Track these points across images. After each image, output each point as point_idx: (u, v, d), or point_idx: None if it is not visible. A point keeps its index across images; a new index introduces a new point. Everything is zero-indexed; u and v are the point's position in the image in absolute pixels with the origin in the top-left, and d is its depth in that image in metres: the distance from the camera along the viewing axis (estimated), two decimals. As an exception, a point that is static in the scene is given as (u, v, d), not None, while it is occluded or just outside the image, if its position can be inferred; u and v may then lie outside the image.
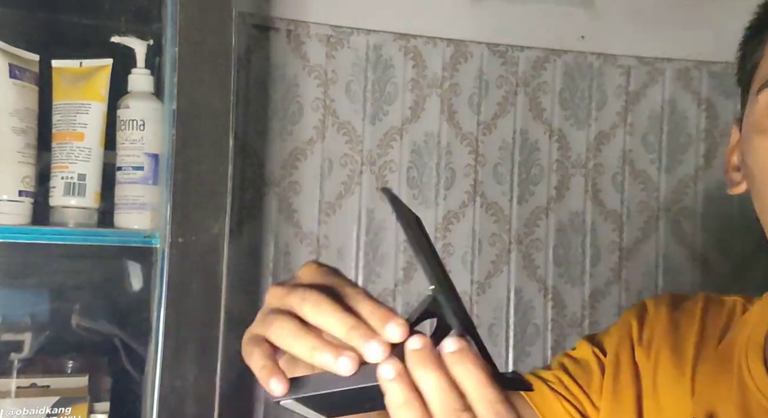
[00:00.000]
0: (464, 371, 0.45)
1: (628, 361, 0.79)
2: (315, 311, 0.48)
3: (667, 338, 0.77)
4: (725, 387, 0.71)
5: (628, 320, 0.81)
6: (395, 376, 0.46)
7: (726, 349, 0.74)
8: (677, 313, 0.79)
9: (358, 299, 0.49)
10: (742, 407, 0.68)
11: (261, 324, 0.51)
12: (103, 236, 1.07)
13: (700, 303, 0.79)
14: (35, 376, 1.07)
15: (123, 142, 1.09)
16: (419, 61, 1.49)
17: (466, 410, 0.45)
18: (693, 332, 0.76)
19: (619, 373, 0.78)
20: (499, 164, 1.54)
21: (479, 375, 0.45)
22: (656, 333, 0.78)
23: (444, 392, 0.45)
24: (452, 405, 0.45)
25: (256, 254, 1.39)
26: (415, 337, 0.46)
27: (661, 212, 1.63)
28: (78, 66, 1.09)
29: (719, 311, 0.77)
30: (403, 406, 0.46)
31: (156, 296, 1.05)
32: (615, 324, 0.84)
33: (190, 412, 1.03)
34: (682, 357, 0.75)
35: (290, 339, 0.49)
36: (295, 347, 0.48)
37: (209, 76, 1.06)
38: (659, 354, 0.77)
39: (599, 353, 0.81)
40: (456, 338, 0.46)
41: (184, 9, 1.05)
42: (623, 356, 0.79)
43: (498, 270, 1.54)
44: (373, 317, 0.47)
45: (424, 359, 0.46)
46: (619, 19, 1.59)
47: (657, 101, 1.63)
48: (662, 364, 0.76)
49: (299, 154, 1.42)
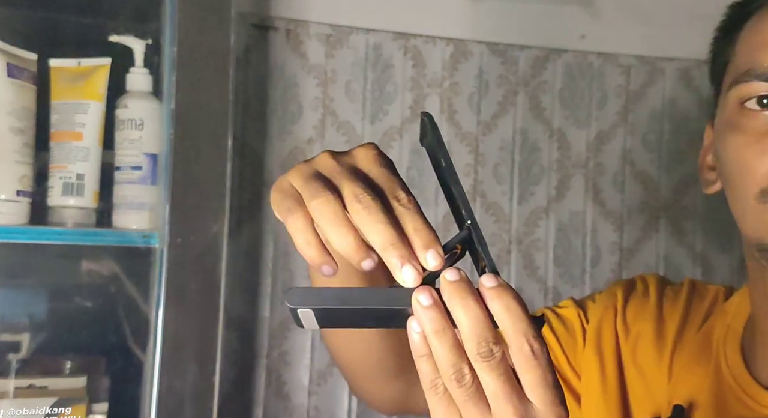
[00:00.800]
0: (504, 305, 0.47)
1: (610, 334, 0.79)
2: (363, 213, 0.48)
3: (650, 320, 0.77)
4: (702, 374, 0.71)
5: (615, 292, 0.81)
6: (432, 303, 0.47)
7: (705, 336, 0.74)
8: (663, 296, 0.80)
9: (407, 211, 0.49)
10: (717, 396, 0.69)
11: (304, 184, 0.50)
12: (102, 236, 1.07)
13: (686, 288, 0.79)
14: (33, 377, 1.07)
15: (121, 142, 1.09)
16: (419, 61, 1.49)
17: (499, 342, 0.46)
18: (676, 316, 0.77)
19: (602, 346, 0.78)
20: (499, 164, 1.54)
21: (518, 309, 0.47)
22: (640, 313, 0.79)
23: (481, 322, 0.46)
24: (486, 336, 0.46)
25: (256, 254, 1.39)
26: (452, 269, 0.48)
27: (662, 211, 1.63)
28: (76, 65, 1.09)
29: (703, 298, 0.78)
30: (437, 333, 0.47)
31: (155, 296, 1.05)
32: (601, 292, 0.84)
33: (189, 412, 1.03)
34: (662, 341, 0.76)
35: (329, 224, 0.48)
36: (330, 231, 0.48)
37: (208, 76, 1.06)
38: (640, 335, 0.77)
39: (583, 318, 0.81)
40: (492, 275, 0.48)
41: (182, 8, 1.05)
42: (606, 328, 0.79)
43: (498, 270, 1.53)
44: (416, 236, 0.48)
45: (463, 290, 0.47)
46: (619, 18, 1.59)
47: (657, 101, 1.63)
48: (642, 345, 0.76)
49: (298, 153, 1.42)
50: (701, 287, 0.80)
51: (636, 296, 0.81)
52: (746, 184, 0.63)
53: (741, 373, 0.69)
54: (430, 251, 0.47)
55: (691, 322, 0.76)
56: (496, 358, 0.46)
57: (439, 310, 0.47)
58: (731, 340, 0.71)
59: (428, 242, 0.48)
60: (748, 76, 0.63)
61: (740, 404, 0.67)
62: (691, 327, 0.76)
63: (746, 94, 0.63)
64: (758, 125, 0.62)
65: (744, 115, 0.64)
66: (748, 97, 0.63)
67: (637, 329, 0.78)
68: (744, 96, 0.63)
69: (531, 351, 0.46)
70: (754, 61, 0.63)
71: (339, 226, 0.48)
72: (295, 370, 1.39)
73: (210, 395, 1.04)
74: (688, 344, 0.74)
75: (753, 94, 0.63)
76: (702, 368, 0.72)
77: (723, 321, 0.74)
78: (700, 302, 0.78)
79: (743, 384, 0.68)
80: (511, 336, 0.46)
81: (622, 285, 0.83)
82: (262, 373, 1.38)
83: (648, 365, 0.75)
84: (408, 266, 0.47)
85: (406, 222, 0.49)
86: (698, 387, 0.71)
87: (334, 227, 0.48)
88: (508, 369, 0.46)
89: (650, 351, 0.76)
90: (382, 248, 0.47)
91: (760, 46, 0.63)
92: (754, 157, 0.62)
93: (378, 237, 0.48)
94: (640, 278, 0.84)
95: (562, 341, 0.80)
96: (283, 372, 1.39)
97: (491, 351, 0.46)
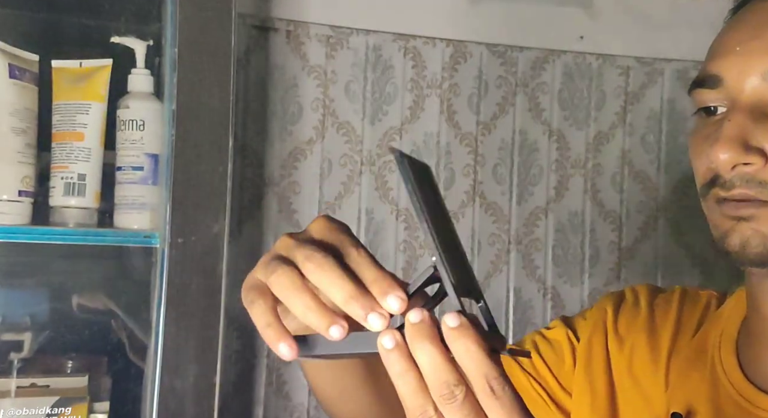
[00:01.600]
0: (463, 347, 0.47)
1: (600, 350, 0.79)
2: (317, 271, 0.49)
3: (644, 330, 0.78)
4: (698, 380, 0.71)
5: (605, 307, 0.82)
6: (393, 347, 0.47)
7: (700, 342, 0.74)
8: (654, 305, 0.80)
9: (362, 263, 0.50)
10: (715, 401, 0.69)
11: (264, 269, 0.52)
12: (103, 236, 1.07)
13: (677, 296, 0.79)
14: (35, 376, 1.07)
15: (123, 143, 1.09)
16: (419, 62, 1.50)
17: (460, 385, 0.46)
18: (669, 324, 0.77)
19: (592, 362, 0.79)
20: (498, 164, 1.54)
21: (477, 352, 0.46)
22: (632, 324, 0.79)
23: (439, 366, 0.47)
24: (446, 379, 0.46)
25: (256, 254, 1.39)
26: (415, 310, 0.48)
27: (660, 212, 1.63)
28: (78, 66, 1.09)
29: (695, 304, 0.78)
30: (401, 376, 0.47)
31: (156, 296, 1.05)
32: (591, 308, 0.84)
33: (190, 411, 1.03)
34: (657, 350, 0.76)
35: (288, 293, 0.50)
36: (291, 302, 0.50)
37: (209, 77, 1.06)
38: (635, 346, 0.77)
39: (572, 338, 0.82)
40: (455, 314, 0.47)
41: (183, 9, 1.05)
42: (596, 345, 0.80)
43: (497, 270, 1.54)
44: (374, 285, 0.49)
45: (422, 334, 0.47)
46: (618, 19, 1.59)
47: (656, 101, 1.64)
48: (637, 355, 0.77)
49: (299, 154, 1.42)
50: (693, 293, 0.80)
51: (626, 308, 0.81)
52: (697, 182, 0.67)
53: (737, 376, 0.69)
54: (389, 296, 0.48)
55: (685, 329, 0.76)
56: (458, 400, 0.46)
57: (401, 352, 0.47)
58: (726, 344, 0.72)
59: (386, 288, 0.48)
60: (696, 82, 0.67)
61: (737, 408, 0.67)
62: (685, 334, 0.76)
63: (698, 102, 0.67)
64: (704, 130, 0.66)
65: (698, 119, 0.68)
66: (700, 104, 0.67)
67: (632, 341, 0.78)
68: (697, 103, 0.67)
69: (492, 392, 0.46)
70: (702, 68, 0.67)
71: (297, 292, 0.49)
72: (295, 369, 1.39)
73: (211, 394, 1.04)
74: (683, 351, 0.75)
75: (700, 103, 0.66)
76: (698, 373, 0.72)
77: (717, 326, 0.74)
78: (692, 309, 0.78)
79: (740, 388, 0.68)
80: (471, 378, 0.47)
81: (611, 299, 0.83)
82: (262, 372, 1.38)
83: (644, 375, 0.76)
84: (373, 314, 0.48)
85: (362, 274, 0.49)
86: (695, 393, 0.71)
87: (292, 294, 0.49)
88: (474, 407, 0.47)
89: (646, 361, 0.76)
90: (344, 302, 0.48)
91: (711, 53, 0.67)
92: (697, 158, 0.66)
93: (337, 292, 0.48)
94: (630, 289, 0.84)
95: (550, 365, 0.81)
96: (283, 371, 1.40)
97: (453, 394, 0.46)
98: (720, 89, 0.64)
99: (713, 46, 0.67)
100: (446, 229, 0.52)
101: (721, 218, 0.64)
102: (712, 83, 0.65)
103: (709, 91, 0.65)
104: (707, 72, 0.65)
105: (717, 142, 0.62)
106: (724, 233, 0.64)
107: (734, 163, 0.62)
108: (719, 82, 0.64)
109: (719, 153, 0.61)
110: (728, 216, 0.63)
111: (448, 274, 0.49)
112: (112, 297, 1.17)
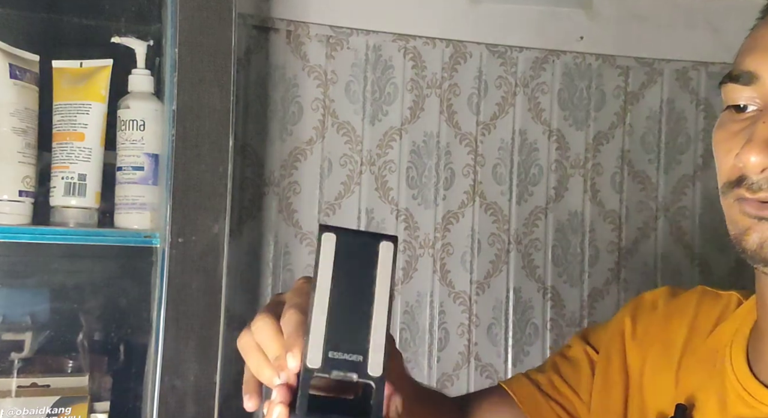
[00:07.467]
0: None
1: (618, 358, 0.80)
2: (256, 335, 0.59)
3: (659, 333, 0.78)
4: (705, 374, 0.72)
5: (623, 317, 0.83)
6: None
7: (714, 341, 0.75)
8: (672, 307, 0.80)
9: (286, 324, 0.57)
10: (720, 395, 0.69)
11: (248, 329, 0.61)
12: (103, 235, 1.08)
13: (695, 297, 0.80)
14: (35, 375, 1.07)
15: (123, 143, 1.09)
16: (418, 62, 1.50)
17: None
18: (684, 326, 0.77)
19: (609, 370, 0.80)
20: (498, 164, 1.55)
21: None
22: (650, 328, 0.80)
23: None
24: None
25: (256, 254, 1.40)
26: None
27: (660, 211, 1.63)
28: (78, 66, 1.09)
29: (714, 305, 0.78)
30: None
31: (156, 295, 1.05)
32: (612, 320, 0.85)
33: (190, 411, 1.03)
34: (670, 351, 0.76)
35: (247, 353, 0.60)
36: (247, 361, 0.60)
37: (209, 77, 1.06)
38: (649, 348, 0.78)
39: (591, 352, 0.83)
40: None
41: (184, 9, 1.05)
42: (614, 354, 0.81)
43: (497, 270, 1.54)
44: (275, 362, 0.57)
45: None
46: (617, 20, 1.60)
47: (655, 101, 1.64)
48: (651, 357, 0.77)
49: (299, 154, 1.43)
50: (712, 294, 0.80)
51: (644, 313, 0.82)
52: (719, 178, 0.66)
53: (743, 372, 0.69)
54: (288, 354, 0.55)
55: (700, 329, 0.77)
56: None
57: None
58: (738, 342, 0.72)
59: (280, 366, 0.56)
60: (729, 77, 0.65)
61: (741, 401, 0.68)
62: (700, 334, 0.76)
63: (729, 98, 0.65)
64: (732, 126, 0.65)
65: (726, 114, 0.66)
66: (731, 101, 0.65)
67: (648, 344, 0.79)
68: (728, 99, 0.66)
69: None
70: (737, 63, 0.65)
71: (248, 352, 0.60)
72: (295, 369, 1.39)
73: (211, 394, 1.05)
74: (697, 351, 0.75)
75: (731, 100, 0.65)
76: (706, 369, 0.72)
77: (733, 325, 0.74)
78: (710, 310, 0.78)
79: (745, 383, 0.68)
80: None
81: (630, 308, 0.84)
82: (262, 372, 1.38)
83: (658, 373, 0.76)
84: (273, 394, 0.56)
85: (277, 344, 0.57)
86: (701, 386, 0.71)
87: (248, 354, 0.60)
88: None
89: (659, 361, 0.77)
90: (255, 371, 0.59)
91: (744, 49, 0.65)
92: (723, 154, 0.65)
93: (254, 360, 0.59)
94: (650, 294, 0.84)
95: (571, 383, 0.82)
96: (283, 371, 1.40)
97: None
98: (755, 87, 0.63)
99: (748, 41, 0.66)
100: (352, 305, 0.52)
101: (741, 215, 0.63)
102: (746, 80, 0.63)
103: (743, 88, 0.64)
104: (742, 68, 0.64)
105: (749, 143, 0.61)
106: (743, 231, 0.63)
107: (765, 166, 0.61)
108: (755, 80, 0.63)
109: (751, 155, 0.60)
110: (748, 214, 0.63)
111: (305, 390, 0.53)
112: (112, 297, 1.17)
